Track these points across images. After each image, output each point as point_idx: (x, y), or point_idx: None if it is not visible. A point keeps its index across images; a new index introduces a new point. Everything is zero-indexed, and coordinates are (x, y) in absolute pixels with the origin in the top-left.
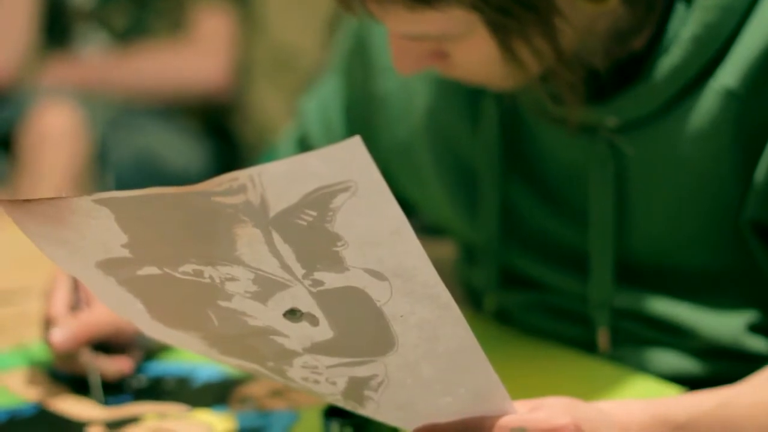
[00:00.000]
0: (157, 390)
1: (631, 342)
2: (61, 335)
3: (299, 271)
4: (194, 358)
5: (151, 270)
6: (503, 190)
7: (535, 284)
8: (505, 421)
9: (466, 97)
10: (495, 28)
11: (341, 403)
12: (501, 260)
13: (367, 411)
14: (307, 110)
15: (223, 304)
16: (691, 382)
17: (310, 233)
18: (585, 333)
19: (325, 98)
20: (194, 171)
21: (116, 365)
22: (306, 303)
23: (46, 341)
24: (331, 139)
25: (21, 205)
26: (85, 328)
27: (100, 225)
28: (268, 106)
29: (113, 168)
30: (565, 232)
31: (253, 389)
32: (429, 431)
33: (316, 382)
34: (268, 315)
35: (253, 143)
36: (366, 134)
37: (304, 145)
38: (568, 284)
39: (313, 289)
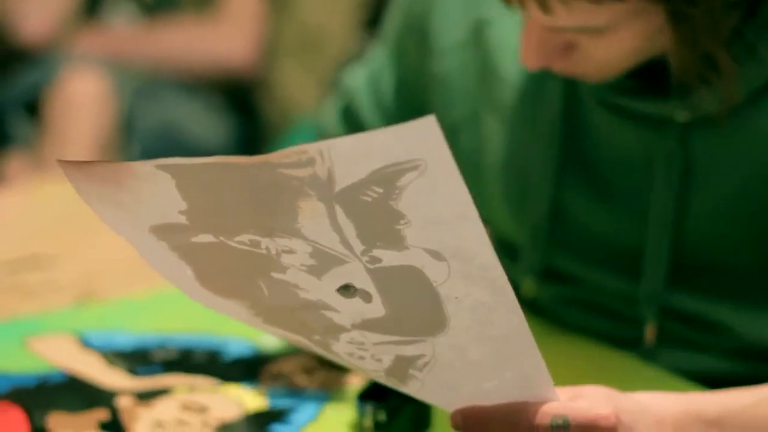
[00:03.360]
0: (186, 362)
1: (668, 340)
2: None
3: (358, 248)
4: (225, 331)
5: (207, 238)
6: (556, 182)
7: (573, 278)
8: (548, 408)
9: (529, 85)
10: (675, 18)
11: (383, 380)
12: (544, 249)
13: (409, 389)
14: (354, 83)
15: (276, 275)
16: (723, 383)
17: (374, 210)
18: (617, 328)
19: (375, 72)
20: (217, 145)
21: None
22: (361, 279)
23: None
24: (383, 112)
25: (80, 165)
26: None
27: (160, 190)
28: (293, 85)
29: (138, 137)
30: (617, 226)
31: (285, 366)
32: (471, 413)
33: (361, 358)
34: (321, 289)
35: (275, 121)
36: (423, 113)
37: (348, 117)
38: (610, 279)
39: (370, 266)
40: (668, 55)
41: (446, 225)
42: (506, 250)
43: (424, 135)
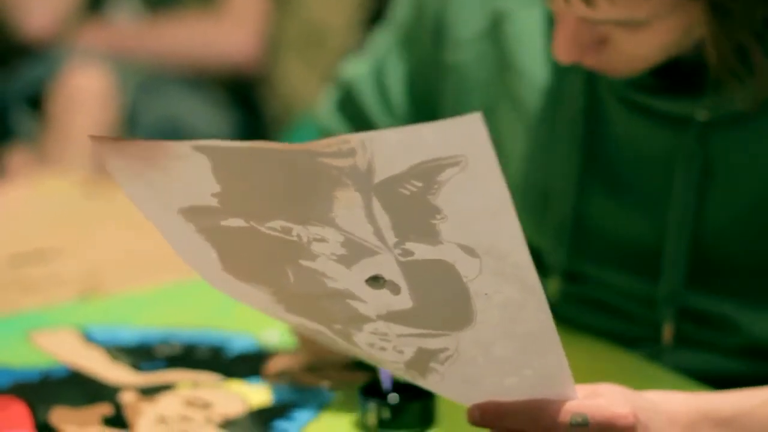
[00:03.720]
0: (190, 358)
1: (682, 340)
2: None
3: (391, 240)
4: (228, 327)
5: (237, 222)
6: (580, 179)
7: (590, 278)
8: (567, 406)
9: (549, 80)
10: (716, 11)
11: (401, 372)
12: (568, 251)
13: (427, 383)
14: (354, 73)
15: (305, 263)
16: (732, 383)
17: (411, 203)
18: (631, 329)
19: (379, 61)
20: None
21: None
22: (391, 271)
23: None
24: (386, 101)
25: (114, 143)
26: None
27: (194, 172)
28: (295, 81)
29: (141, 133)
30: (636, 225)
31: (288, 363)
32: (490, 408)
33: (382, 349)
34: (349, 279)
35: (278, 117)
36: (432, 103)
37: (345, 107)
38: (627, 280)
39: (402, 259)
40: (705, 50)
41: (482, 222)
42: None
43: (469, 131)
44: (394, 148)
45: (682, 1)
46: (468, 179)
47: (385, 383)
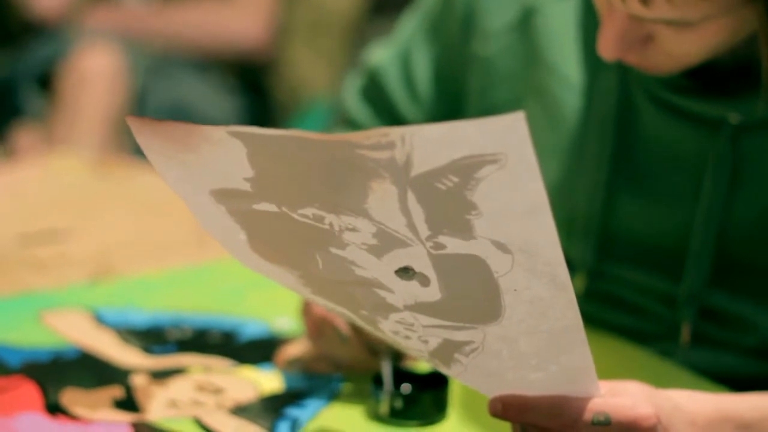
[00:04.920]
0: (201, 342)
1: (699, 340)
2: None
3: (424, 233)
4: (240, 313)
5: (269, 207)
6: (610, 176)
7: (613, 276)
8: (590, 404)
9: (581, 77)
10: None
11: (425, 360)
12: (596, 249)
13: (451, 372)
14: (379, 60)
15: (335, 251)
16: (747, 383)
17: (446, 198)
18: (650, 327)
19: (405, 49)
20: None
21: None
22: (421, 263)
23: None
24: (411, 89)
25: (150, 123)
26: None
27: (228, 156)
28: (304, 67)
29: (150, 115)
30: (661, 224)
31: (299, 350)
32: (512, 401)
33: (407, 337)
34: (379, 269)
35: (285, 102)
36: (457, 92)
37: (370, 95)
38: (649, 278)
39: (433, 252)
40: (760, 53)
41: (518, 220)
42: None
43: (511, 130)
44: (435, 143)
45: (741, 3)
46: (507, 177)
47: (386, 380)
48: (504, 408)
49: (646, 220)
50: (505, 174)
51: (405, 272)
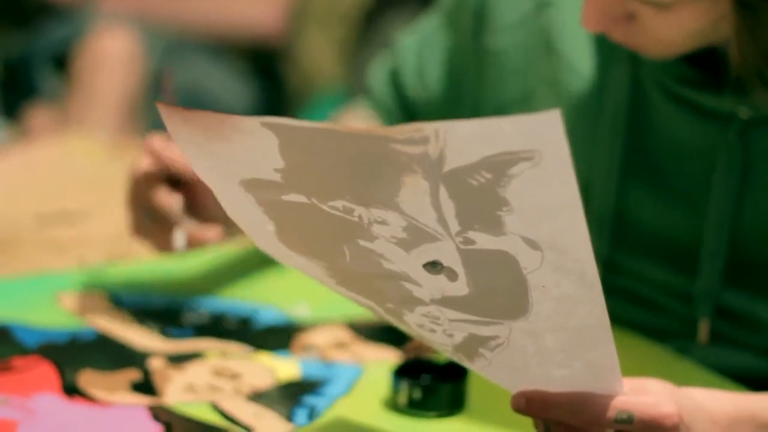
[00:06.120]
0: (217, 327)
1: (716, 338)
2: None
3: (454, 228)
4: (255, 298)
5: (298, 198)
6: (622, 170)
7: (628, 271)
8: (613, 402)
9: (593, 69)
10: (741, 6)
11: (449, 353)
12: (609, 242)
13: (474, 366)
14: (404, 47)
15: (363, 243)
16: (762, 382)
17: (478, 194)
18: (667, 324)
19: (423, 40)
20: (239, 110)
21: (206, 232)
22: (450, 258)
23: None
24: (422, 80)
25: (181, 111)
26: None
27: (259, 146)
28: (317, 55)
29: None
30: (674, 219)
31: (316, 338)
32: (536, 397)
33: (432, 331)
34: (407, 262)
35: (298, 88)
36: (467, 86)
37: (394, 79)
38: (664, 274)
39: (463, 247)
40: (728, 46)
41: (549, 217)
42: None
43: (547, 128)
44: (469, 139)
45: None
46: (540, 174)
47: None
48: (527, 403)
49: (660, 214)
50: (539, 171)
51: (433, 266)
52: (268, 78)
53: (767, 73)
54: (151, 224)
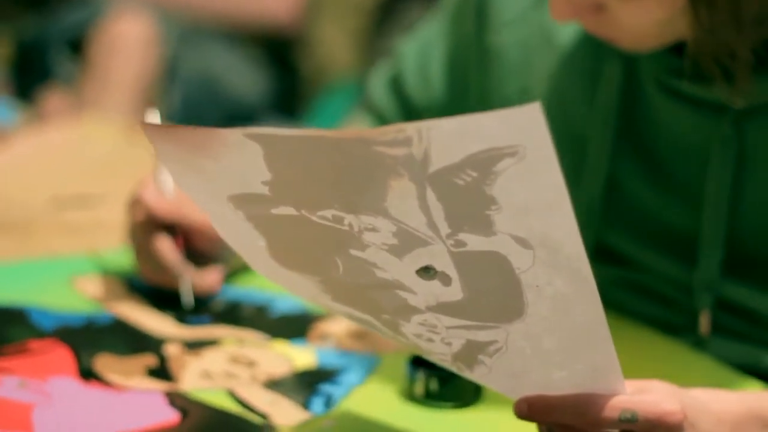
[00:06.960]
0: (234, 315)
1: (720, 330)
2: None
3: (444, 230)
4: (272, 286)
5: (287, 210)
6: (612, 160)
7: (627, 259)
8: (616, 401)
9: (588, 62)
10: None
11: (447, 364)
12: (598, 227)
13: (474, 375)
14: (405, 52)
15: (355, 252)
16: (761, 374)
17: (466, 194)
18: (670, 315)
19: (425, 43)
20: (254, 98)
21: (207, 279)
22: (443, 262)
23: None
24: (425, 84)
25: (164, 129)
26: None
27: (245, 159)
28: (331, 44)
29: (180, 84)
30: (672, 211)
31: (333, 327)
32: (538, 402)
33: (430, 340)
34: (400, 269)
35: (312, 78)
36: (469, 85)
37: (394, 85)
38: (664, 264)
39: (454, 249)
40: (685, 36)
41: (537, 213)
42: None
43: (528, 121)
44: (451, 136)
45: None
46: (525, 170)
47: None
48: (530, 408)
49: (657, 204)
50: (524, 167)
51: (426, 272)
52: (282, 66)
53: (725, 61)
54: (156, 270)
